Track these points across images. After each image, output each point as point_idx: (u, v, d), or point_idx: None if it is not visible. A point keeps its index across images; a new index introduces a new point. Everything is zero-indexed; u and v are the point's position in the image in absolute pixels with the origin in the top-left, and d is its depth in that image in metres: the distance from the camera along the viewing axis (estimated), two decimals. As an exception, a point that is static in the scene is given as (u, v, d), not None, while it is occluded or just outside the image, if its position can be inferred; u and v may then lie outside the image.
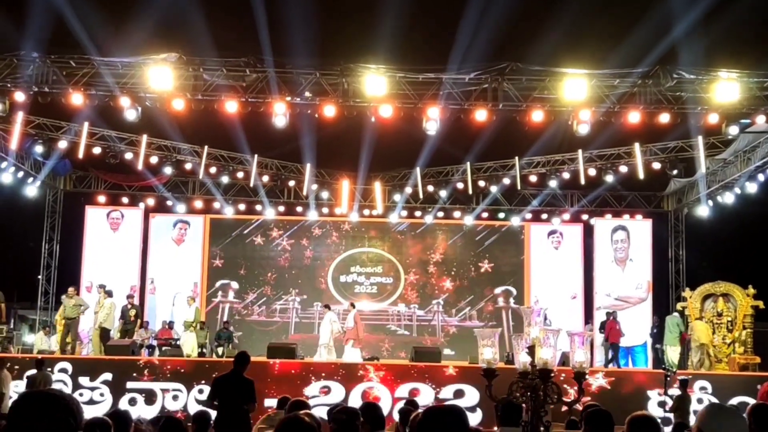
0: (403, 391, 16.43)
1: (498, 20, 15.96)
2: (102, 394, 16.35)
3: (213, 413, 10.08)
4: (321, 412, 8.88)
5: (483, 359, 6.67)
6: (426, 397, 16.14)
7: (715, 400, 15.60)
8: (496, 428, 7.11)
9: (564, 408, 6.89)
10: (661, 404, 15.55)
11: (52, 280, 25.39)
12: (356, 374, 16.92)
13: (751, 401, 15.59)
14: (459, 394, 16.39)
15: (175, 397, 16.49)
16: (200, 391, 16.35)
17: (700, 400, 15.95)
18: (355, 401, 15.34)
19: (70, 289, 19.56)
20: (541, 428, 6.34)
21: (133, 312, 20.84)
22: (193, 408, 15.94)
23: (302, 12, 16.68)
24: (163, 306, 25.10)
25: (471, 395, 16.28)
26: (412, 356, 18.21)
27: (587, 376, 6.72)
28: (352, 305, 22.18)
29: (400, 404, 13.03)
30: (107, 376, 16.59)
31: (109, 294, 19.72)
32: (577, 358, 6.58)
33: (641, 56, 16.37)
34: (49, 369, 15.99)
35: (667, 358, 20.13)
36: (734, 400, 15.46)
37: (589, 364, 6.86)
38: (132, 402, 16.33)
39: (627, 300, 24.71)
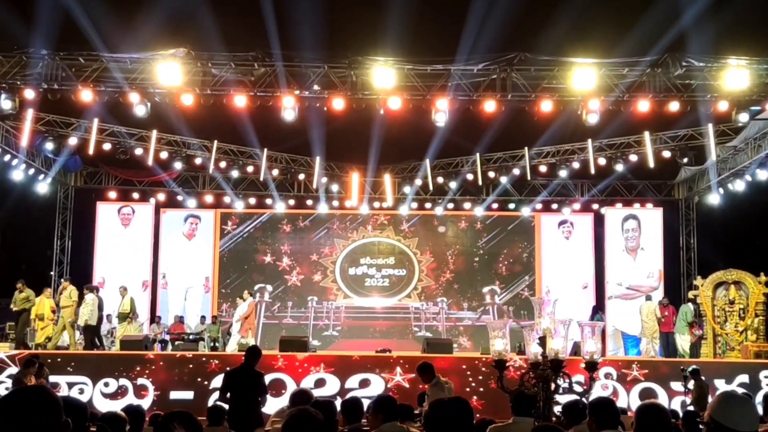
0: (309, 381, 16.12)
1: (506, 10, 15.93)
2: (7, 388, 15.68)
3: (226, 407, 10.15)
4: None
5: (494, 350, 6.71)
6: (332, 387, 16.12)
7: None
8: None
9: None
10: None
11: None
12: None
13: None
14: (364, 383, 16.25)
15: (81, 391, 16.06)
16: (106, 384, 16.12)
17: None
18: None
19: (19, 284, 19.43)
20: (553, 418, 6.37)
21: None
22: (99, 402, 15.76)
23: (310, 5, 16.69)
24: (175, 301, 25.23)
25: (376, 384, 16.23)
26: (424, 348, 18.23)
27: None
28: (249, 293, 21.48)
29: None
30: (13, 370, 16.15)
31: (91, 290, 19.65)
32: (588, 348, 6.60)
33: (650, 44, 16.32)
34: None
35: (678, 346, 20.10)
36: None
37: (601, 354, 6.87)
38: None
39: (638, 289, 24.68)
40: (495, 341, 6.68)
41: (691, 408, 13.99)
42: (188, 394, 16.23)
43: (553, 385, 6.34)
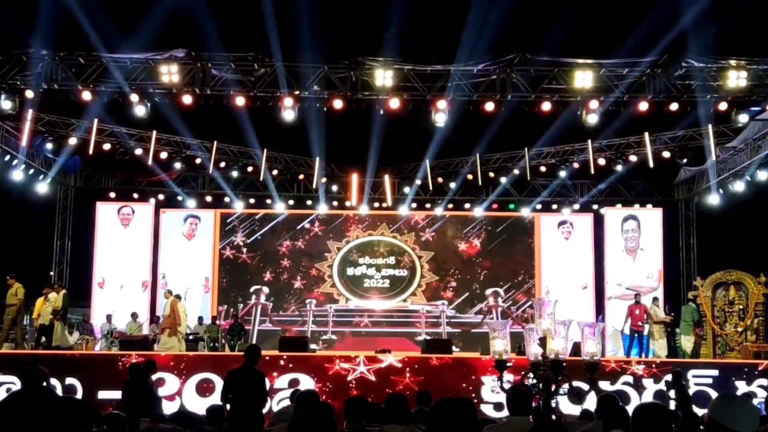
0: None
1: (506, 10, 15.93)
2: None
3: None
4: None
5: (494, 351, 6.71)
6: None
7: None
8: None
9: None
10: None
11: (64, 276, 25.49)
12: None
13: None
14: (294, 383, 15.88)
15: (8, 391, 15.35)
16: None
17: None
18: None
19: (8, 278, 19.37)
20: (553, 417, 6.37)
21: None
22: None
23: (310, 5, 16.69)
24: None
25: (306, 384, 15.98)
26: (424, 348, 18.20)
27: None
28: (170, 293, 21.25)
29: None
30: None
31: (53, 288, 19.56)
32: (588, 348, 6.61)
33: (650, 45, 16.33)
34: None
35: (681, 346, 20.12)
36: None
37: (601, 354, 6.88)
38: None
39: (638, 289, 24.64)
40: (495, 342, 6.68)
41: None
42: (117, 394, 16.14)
43: (553, 386, 6.34)
